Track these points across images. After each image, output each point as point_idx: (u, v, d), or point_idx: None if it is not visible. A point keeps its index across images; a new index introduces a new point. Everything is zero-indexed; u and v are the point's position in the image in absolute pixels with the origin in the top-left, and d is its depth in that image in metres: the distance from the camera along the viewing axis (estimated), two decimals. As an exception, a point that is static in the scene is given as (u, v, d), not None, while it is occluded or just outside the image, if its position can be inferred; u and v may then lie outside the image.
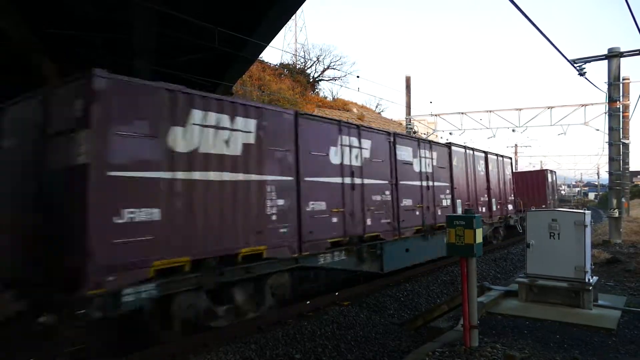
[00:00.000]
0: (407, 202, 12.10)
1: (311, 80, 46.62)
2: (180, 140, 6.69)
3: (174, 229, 6.48)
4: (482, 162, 17.35)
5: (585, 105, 22.79)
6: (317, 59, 48.03)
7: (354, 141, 10.33)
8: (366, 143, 10.71)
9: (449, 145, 15.00)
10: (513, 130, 25.82)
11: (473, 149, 16.52)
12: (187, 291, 6.78)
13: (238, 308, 7.69)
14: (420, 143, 13.18)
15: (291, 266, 8.58)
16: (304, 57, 49.61)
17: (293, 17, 52.55)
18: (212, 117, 7.19)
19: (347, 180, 9.95)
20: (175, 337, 6.75)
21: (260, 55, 35.65)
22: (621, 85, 16.79)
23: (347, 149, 10.04)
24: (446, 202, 14.13)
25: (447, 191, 14.32)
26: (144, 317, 6.42)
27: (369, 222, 10.55)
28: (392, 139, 11.73)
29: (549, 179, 28.87)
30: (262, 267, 7.90)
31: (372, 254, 10.65)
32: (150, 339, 6.73)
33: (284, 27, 12.68)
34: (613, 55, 16.03)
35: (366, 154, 10.67)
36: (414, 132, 26.75)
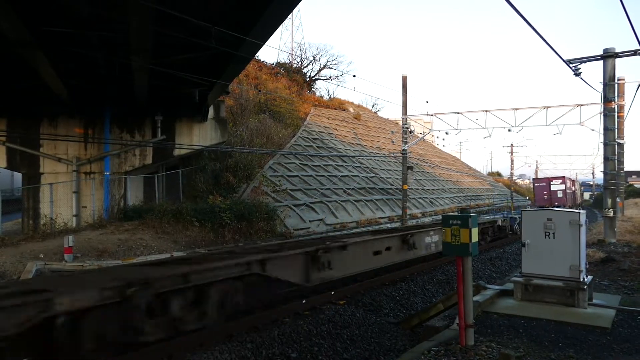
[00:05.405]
0: None
1: (308, 79, 46.61)
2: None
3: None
4: None
5: (581, 105, 22.84)
6: (314, 58, 48.11)
7: None
8: None
9: None
10: (509, 130, 25.82)
11: None
12: None
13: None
14: None
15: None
16: (301, 56, 49.68)
17: (290, 16, 52.61)
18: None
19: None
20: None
21: (257, 54, 35.54)
22: (616, 85, 16.86)
23: None
24: None
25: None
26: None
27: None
28: None
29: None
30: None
31: None
32: None
33: (280, 26, 12.65)
34: (608, 56, 16.09)
35: None
36: (410, 132, 26.75)
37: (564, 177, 42.08)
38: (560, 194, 40.48)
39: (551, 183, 41.44)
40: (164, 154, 19.47)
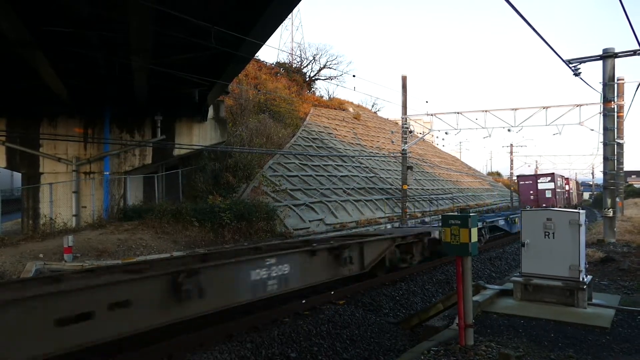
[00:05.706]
0: None
1: (307, 79, 46.63)
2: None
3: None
4: None
5: (580, 105, 22.90)
6: (314, 58, 48.17)
7: None
8: None
9: None
10: (509, 130, 25.89)
11: None
12: None
13: None
14: None
15: None
16: (300, 56, 49.72)
17: (289, 16, 52.64)
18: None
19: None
20: None
21: (257, 54, 35.53)
22: (616, 85, 16.87)
23: None
24: None
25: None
26: None
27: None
28: None
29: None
30: None
31: None
32: None
33: (280, 26, 12.67)
34: (608, 56, 16.10)
35: None
36: (410, 132, 26.77)
37: (552, 174, 35.51)
38: (548, 194, 33.92)
39: (538, 181, 34.69)
40: (164, 154, 19.48)
